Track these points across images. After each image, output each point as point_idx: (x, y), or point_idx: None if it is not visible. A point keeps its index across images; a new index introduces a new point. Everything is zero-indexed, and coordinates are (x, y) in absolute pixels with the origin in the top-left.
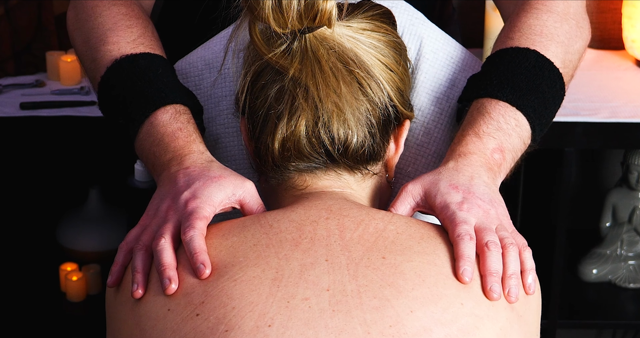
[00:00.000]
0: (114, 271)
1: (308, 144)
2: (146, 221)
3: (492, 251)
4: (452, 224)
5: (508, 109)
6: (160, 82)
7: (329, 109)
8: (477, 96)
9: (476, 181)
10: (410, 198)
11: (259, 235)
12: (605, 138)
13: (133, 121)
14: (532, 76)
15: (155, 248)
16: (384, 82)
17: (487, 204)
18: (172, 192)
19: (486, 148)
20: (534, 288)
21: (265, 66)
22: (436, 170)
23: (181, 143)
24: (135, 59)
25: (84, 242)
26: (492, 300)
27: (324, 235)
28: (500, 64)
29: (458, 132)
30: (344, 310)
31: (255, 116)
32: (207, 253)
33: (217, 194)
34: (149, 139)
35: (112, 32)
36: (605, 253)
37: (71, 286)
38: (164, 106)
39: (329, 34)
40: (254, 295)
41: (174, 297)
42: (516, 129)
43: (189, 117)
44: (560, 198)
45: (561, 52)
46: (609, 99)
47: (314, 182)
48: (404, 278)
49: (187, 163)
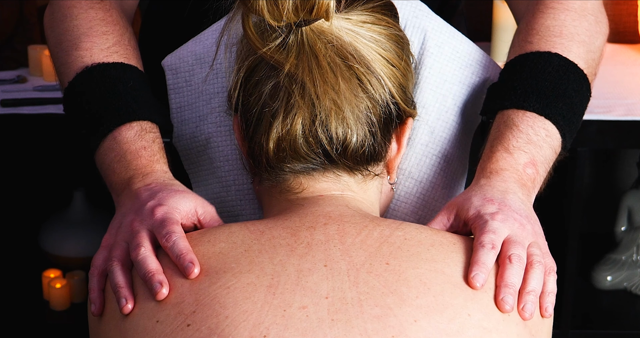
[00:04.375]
0: (93, 298)
1: (305, 144)
2: (110, 240)
3: (514, 265)
4: (479, 231)
5: (536, 120)
6: (130, 96)
7: (326, 106)
8: (501, 107)
9: (511, 196)
10: (444, 218)
11: (249, 241)
12: (620, 137)
13: (95, 134)
14: (557, 81)
15: (136, 258)
16: (385, 78)
17: (523, 219)
18: (134, 207)
19: (518, 163)
20: (551, 311)
21: (260, 61)
22: (468, 189)
23: (144, 162)
24: (107, 69)
25: (68, 247)
26: (503, 312)
27: (322, 239)
28: (523, 71)
29: (486, 148)
30: (344, 319)
31: (249, 114)
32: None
33: (182, 204)
34: (110, 155)
35: (87, 37)
36: (620, 258)
37: (54, 294)
38: (129, 122)
39: (327, 27)
40: (249, 303)
41: (162, 308)
42: (547, 140)
43: (155, 136)
44: (573, 200)
45: (583, 51)
46: (624, 96)
47: (310, 185)
48: (407, 286)
49: (149, 180)
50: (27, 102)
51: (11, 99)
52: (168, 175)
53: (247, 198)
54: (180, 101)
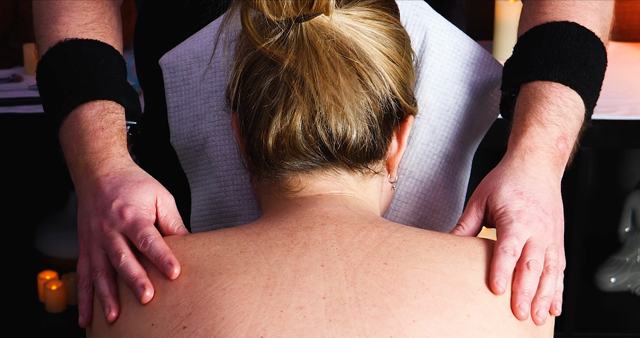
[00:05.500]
0: (82, 310)
1: (304, 141)
2: (86, 247)
3: (531, 272)
4: (502, 234)
5: (564, 90)
6: (98, 74)
7: (326, 102)
8: (525, 80)
9: (543, 185)
10: (478, 211)
11: (245, 243)
12: (624, 137)
13: (58, 110)
14: (578, 50)
15: (118, 266)
16: (385, 75)
17: (548, 217)
18: (98, 206)
19: (551, 138)
20: (559, 309)
21: (259, 57)
22: (499, 169)
23: (100, 145)
24: (79, 45)
25: (64, 249)
26: (519, 319)
27: (319, 240)
28: (542, 42)
29: (516, 121)
30: (342, 319)
31: (248, 111)
32: (188, 264)
33: (146, 198)
34: (69, 133)
35: (66, 11)
36: (624, 260)
37: (50, 296)
38: (93, 100)
39: (327, 23)
40: (245, 305)
41: (157, 311)
42: (574, 111)
43: (116, 117)
44: (576, 201)
45: (597, 19)
46: (628, 95)
47: (309, 183)
48: (406, 286)
49: (106, 169)
50: (22, 101)
51: (6, 98)
52: (125, 159)
53: (245, 197)
54: (178, 100)
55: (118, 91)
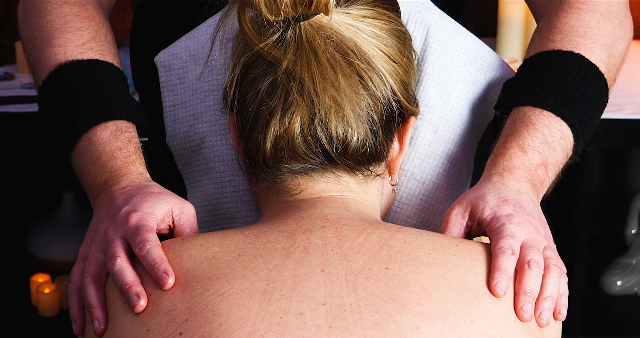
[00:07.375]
0: (74, 316)
1: (303, 143)
2: (86, 251)
3: (533, 271)
4: (497, 236)
5: (553, 120)
6: (105, 94)
7: (326, 104)
8: (517, 103)
9: (524, 197)
10: (460, 218)
11: (243, 245)
12: (630, 137)
13: (69, 135)
14: (577, 82)
15: (112, 270)
16: (386, 75)
17: (537, 222)
18: (109, 213)
19: (531, 163)
20: (564, 314)
21: (256, 58)
22: (479, 185)
23: (119, 164)
24: (81, 66)
25: (57, 251)
26: (523, 321)
27: (319, 243)
28: (543, 68)
29: (499, 143)
30: (342, 326)
31: (245, 112)
32: (185, 265)
33: (158, 208)
34: (85, 157)
35: (60, 33)
36: (631, 263)
37: (43, 299)
38: (105, 121)
39: (326, 22)
40: (243, 310)
41: (153, 316)
42: (561, 142)
43: (130, 136)
44: (582, 202)
45: (605, 55)
46: (635, 94)
47: (309, 186)
48: (408, 292)
49: (124, 183)
50: (14, 100)
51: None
52: (144, 176)
53: (243, 199)
54: (174, 99)
55: (127, 109)
